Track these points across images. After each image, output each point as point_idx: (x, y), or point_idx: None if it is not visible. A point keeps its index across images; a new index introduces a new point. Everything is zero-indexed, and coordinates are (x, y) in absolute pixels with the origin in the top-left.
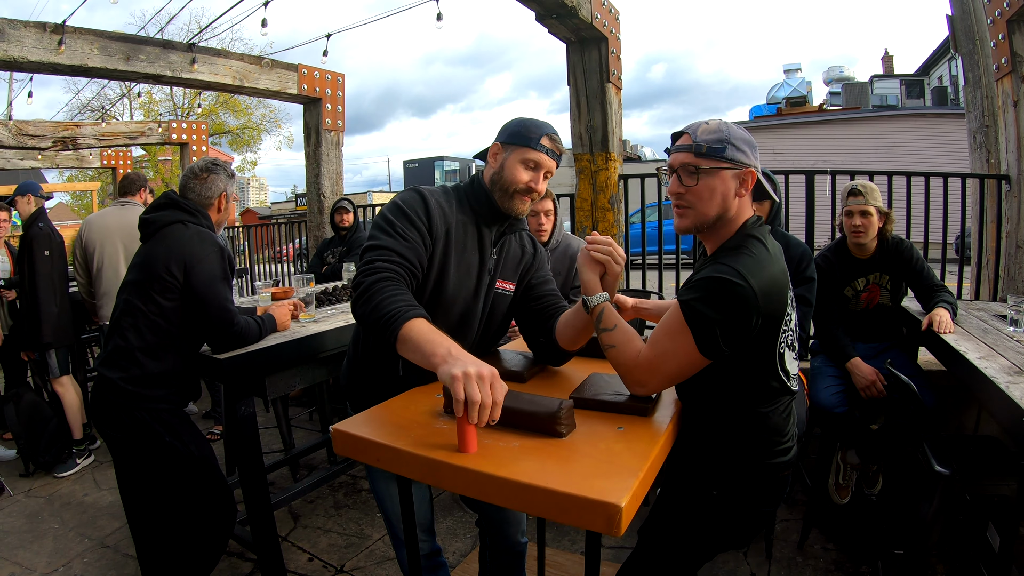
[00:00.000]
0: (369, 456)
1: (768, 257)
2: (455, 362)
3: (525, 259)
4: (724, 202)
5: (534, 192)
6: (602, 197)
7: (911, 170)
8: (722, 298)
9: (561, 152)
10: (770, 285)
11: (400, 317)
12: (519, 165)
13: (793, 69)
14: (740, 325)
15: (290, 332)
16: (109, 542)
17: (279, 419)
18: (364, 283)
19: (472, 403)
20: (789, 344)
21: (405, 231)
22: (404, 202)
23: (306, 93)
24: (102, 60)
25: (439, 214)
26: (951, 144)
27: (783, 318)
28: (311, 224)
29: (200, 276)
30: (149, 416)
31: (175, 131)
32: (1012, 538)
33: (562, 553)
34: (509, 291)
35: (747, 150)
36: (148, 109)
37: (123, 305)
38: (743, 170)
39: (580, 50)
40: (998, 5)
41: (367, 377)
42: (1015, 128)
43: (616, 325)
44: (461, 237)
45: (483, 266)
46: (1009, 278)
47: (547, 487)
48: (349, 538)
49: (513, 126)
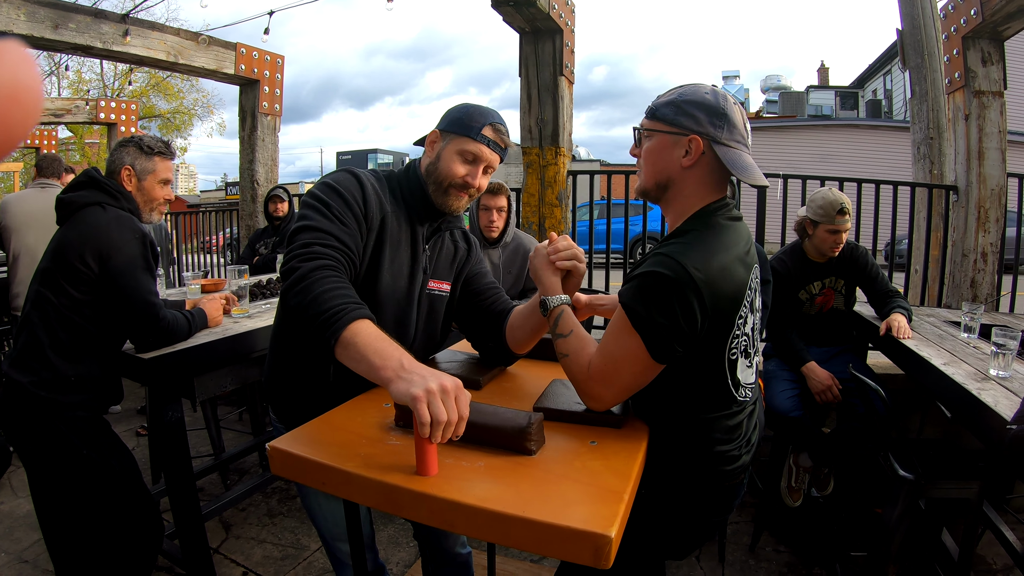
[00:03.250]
0: (313, 479)
1: (721, 246)
2: (411, 378)
3: (459, 256)
4: (664, 170)
5: (471, 188)
6: (550, 192)
7: (852, 177)
8: (663, 294)
9: (506, 146)
10: (719, 277)
11: (343, 316)
12: (456, 157)
13: (732, 76)
14: (685, 323)
15: (222, 329)
16: (27, 556)
17: (208, 421)
18: (300, 269)
19: (438, 424)
20: (744, 351)
21: (342, 214)
22: (339, 183)
23: (243, 74)
24: (28, 27)
25: (375, 201)
26: (885, 155)
27: (734, 319)
28: (243, 213)
29: (118, 266)
30: (65, 426)
31: (103, 110)
32: (971, 541)
33: (512, 561)
34: (445, 292)
35: (698, 114)
36: (77, 88)
37: (34, 296)
38: (686, 137)
39: (534, 41)
40: (954, 21)
41: (292, 379)
42: (965, 141)
43: (572, 331)
44: (395, 230)
45: (416, 264)
46: (954, 285)
47: (525, 516)
48: (285, 549)
49: (456, 112)
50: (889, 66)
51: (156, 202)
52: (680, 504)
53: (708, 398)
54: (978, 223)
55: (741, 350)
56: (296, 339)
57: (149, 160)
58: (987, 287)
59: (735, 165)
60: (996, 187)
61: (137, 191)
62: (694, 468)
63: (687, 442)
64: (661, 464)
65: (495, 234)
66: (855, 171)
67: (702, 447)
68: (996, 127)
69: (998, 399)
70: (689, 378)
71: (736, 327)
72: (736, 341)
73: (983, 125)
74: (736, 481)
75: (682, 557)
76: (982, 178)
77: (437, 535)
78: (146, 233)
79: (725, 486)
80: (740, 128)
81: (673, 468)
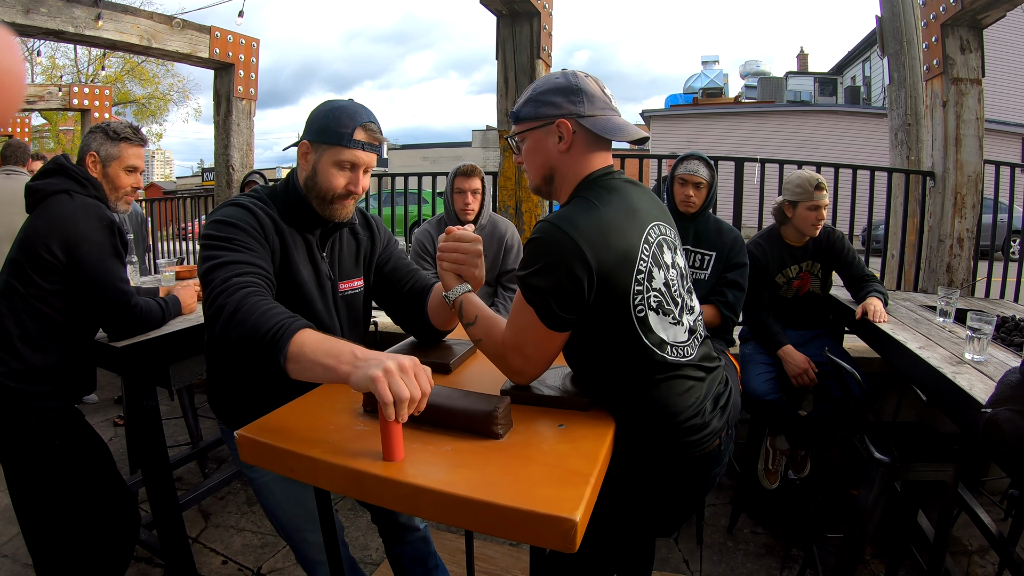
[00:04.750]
0: (281, 465)
1: (603, 206)
2: (368, 363)
3: (363, 248)
4: (546, 162)
5: (355, 194)
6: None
7: (830, 162)
8: (542, 258)
9: (381, 142)
10: (600, 235)
11: (283, 332)
12: (332, 168)
13: (711, 61)
14: (569, 286)
15: (196, 315)
16: (7, 550)
17: (184, 409)
18: (228, 304)
19: (401, 401)
20: (656, 308)
21: (246, 243)
22: (230, 216)
23: (218, 57)
24: None
25: (269, 223)
26: (862, 141)
27: (631, 275)
28: (219, 198)
29: (86, 255)
30: (36, 417)
31: (76, 96)
32: (947, 523)
33: (491, 545)
34: (359, 288)
35: (556, 99)
36: (50, 75)
37: (2, 287)
38: (553, 124)
39: (511, 24)
40: (933, 8)
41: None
42: (942, 127)
43: (477, 316)
44: (293, 246)
45: (320, 274)
46: (930, 270)
47: (492, 501)
48: (264, 536)
49: (322, 119)
50: (868, 53)
51: (123, 190)
52: (652, 480)
53: (631, 361)
54: (955, 209)
55: (651, 307)
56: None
57: (115, 146)
58: (963, 272)
59: (606, 129)
60: (973, 173)
61: (102, 178)
62: (654, 442)
63: (638, 415)
64: (625, 443)
65: (470, 217)
66: (833, 157)
67: (655, 418)
68: (974, 114)
69: (973, 383)
70: (605, 344)
71: (636, 282)
72: (640, 297)
73: (961, 112)
74: (708, 449)
75: (670, 533)
76: (959, 164)
77: (393, 513)
78: (114, 220)
79: (695, 455)
80: (600, 96)
81: (635, 445)
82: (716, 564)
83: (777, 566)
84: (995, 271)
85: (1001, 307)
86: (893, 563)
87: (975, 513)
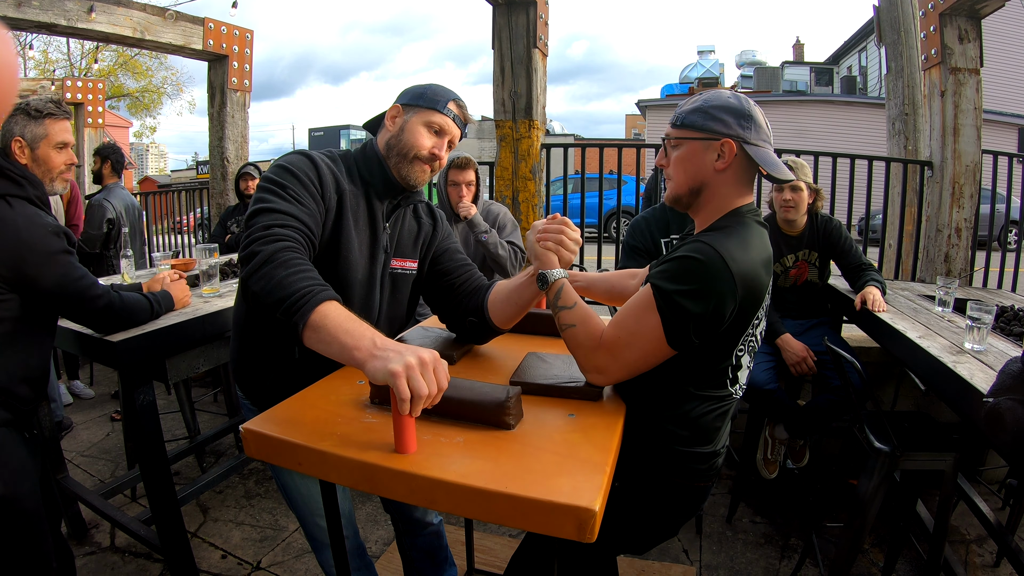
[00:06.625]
0: (288, 459)
1: (752, 245)
2: (387, 355)
3: (424, 233)
4: (698, 175)
5: (437, 160)
6: (524, 166)
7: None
8: (697, 281)
9: (468, 121)
10: (750, 273)
11: (309, 299)
12: (422, 128)
13: (707, 51)
14: (714, 316)
15: (192, 309)
16: None
17: (182, 403)
18: (262, 252)
19: (419, 398)
20: (750, 350)
21: (299, 195)
22: (293, 164)
23: (212, 49)
24: None
25: (331, 180)
26: (859, 130)
27: (752, 318)
28: (214, 191)
29: (36, 265)
30: None
31: (69, 89)
32: (946, 512)
33: (490, 536)
34: (411, 270)
35: (727, 118)
36: (43, 69)
37: None
38: (718, 141)
39: (507, 13)
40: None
41: (259, 360)
42: (940, 117)
43: (576, 303)
44: (354, 208)
45: (376, 243)
46: (928, 260)
47: (507, 492)
48: (264, 530)
49: (418, 89)
50: (864, 43)
51: (56, 170)
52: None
53: (704, 390)
54: (952, 199)
55: (749, 350)
56: (259, 320)
57: (39, 125)
58: (961, 262)
59: (766, 162)
60: (971, 163)
61: (33, 163)
62: (670, 458)
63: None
64: (638, 452)
65: (472, 212)
66: (830, 146)
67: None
68: (972, 104)
69: (973, 372)
70: (691, 369)
71: (751, 326)
72: (747, 340)
73: (959, 102)
74: (706, 483)
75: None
76: (957, 154)
77: (408, 506)
78: (58, 224)
79: (697, 486)
80: (764, 128)
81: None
82: (715, 554)
83: (776, 555)
84: (993, 261)
85: (999, 296)
86: (892, 552)
87: (973, 502)
